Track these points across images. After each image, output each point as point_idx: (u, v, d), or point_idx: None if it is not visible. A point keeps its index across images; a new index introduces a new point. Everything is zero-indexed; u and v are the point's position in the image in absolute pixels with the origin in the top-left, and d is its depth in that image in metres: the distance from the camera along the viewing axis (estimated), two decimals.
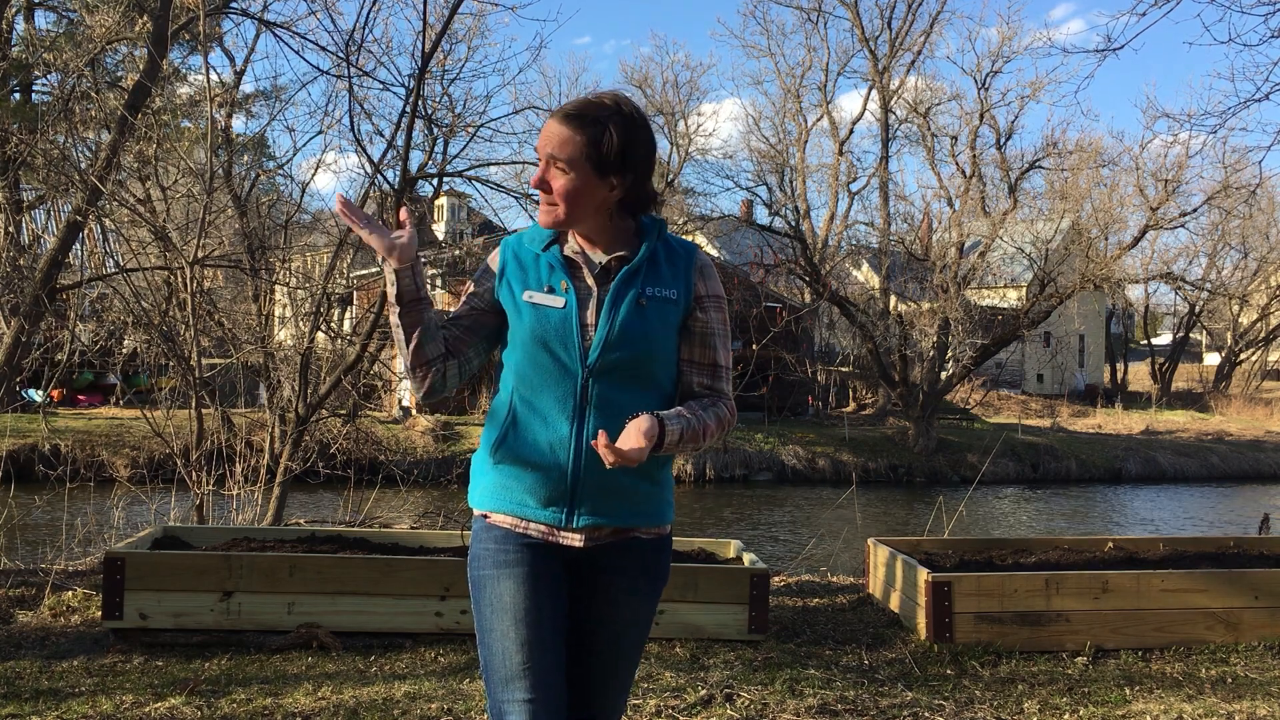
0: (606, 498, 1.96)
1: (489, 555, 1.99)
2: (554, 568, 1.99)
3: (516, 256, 2.04)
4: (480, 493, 2.03)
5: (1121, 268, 23.47)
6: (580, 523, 1.96)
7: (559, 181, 1.96)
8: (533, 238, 2.06)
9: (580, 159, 1.95)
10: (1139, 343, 46.00)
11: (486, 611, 1.97)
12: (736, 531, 13.30)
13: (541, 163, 1.98)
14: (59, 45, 11.07)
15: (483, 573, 1.99)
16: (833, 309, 23.68)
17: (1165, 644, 4.60)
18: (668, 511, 2.07)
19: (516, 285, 2.01)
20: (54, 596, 4.94)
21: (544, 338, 1.94)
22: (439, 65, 8.52)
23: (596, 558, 2.00)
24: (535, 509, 1.96)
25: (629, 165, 1.98)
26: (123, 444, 15.43)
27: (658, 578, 2.08)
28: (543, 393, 1.95)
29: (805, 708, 3.69)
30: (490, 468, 2.01)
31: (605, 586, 2.03)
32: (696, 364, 2.06)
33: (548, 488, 1.95)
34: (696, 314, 2.04)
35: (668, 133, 29.46)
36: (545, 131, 1.99)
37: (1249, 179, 21.07)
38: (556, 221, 1.98)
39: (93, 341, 10.64)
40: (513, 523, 1.99)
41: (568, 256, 2.01)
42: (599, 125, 1.94)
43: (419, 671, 4.02)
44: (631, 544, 2.02)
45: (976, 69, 31.91)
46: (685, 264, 2.05)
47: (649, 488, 2.02)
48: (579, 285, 1.98)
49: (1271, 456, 24.90)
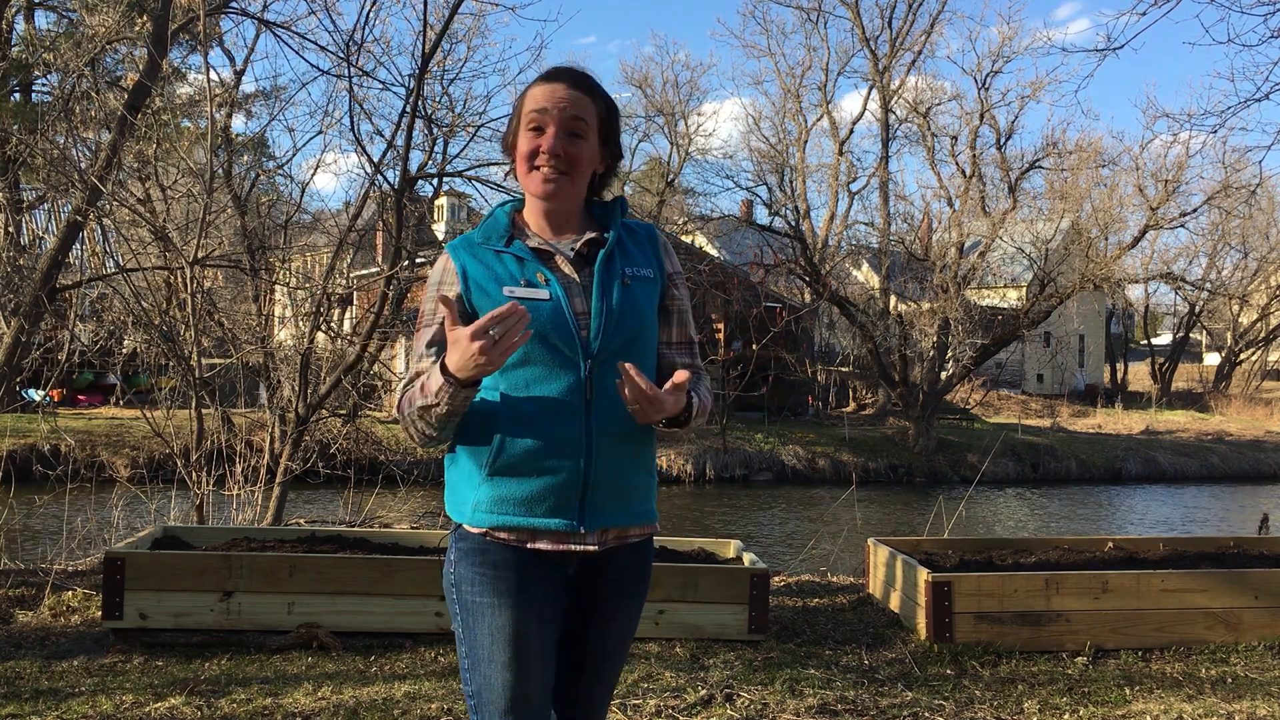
0: (615, 496, 1.87)
1: (486, 581, 1.84)
2: (555, 590, 1.88)
3: (475, 258, 1.88)
4: (474, 509, 1.85)
5: (1121, 268, 23.46)
6: (593, 525, 1.85)
7: (577, 148, 1.86)
8: (485, 237, 1.90)
9: (595, 127, 1.88)
10: (1139, 343, 46.00)
11: (485, 640, 1.84)
12: (736, 531, 13.30)
13: (554, 126, 1.84)
14: (59, 45, 11.07)
15: (480, 600, 1.84)
16: (833, 309, 23.68)
17: (1165, 644, 4.60)
18: (655, 510, 2.01)
19: (489, 283, 1.84)
20: (54, 596, 4.94)
21: (538, 333, 1.79)
22: (439, 65, 8.53)
23: (599, 564, 1.91)
24: (543, 518, 1.82)
25: (614, 139, 1.94)
26: (123, 444, 15.42)
27: (648, 579, 2.02)
28: (542, 391, 1.81)
29: (805, 708, 3.69)
30: (483, 481, 1.84)
31: (603, 594, 1.95)
32: (676, 345, 2.00)
33: (558, 492, 1.82)
34: (671, 292, 1.98)
35: (668, 133, 29.51)
36: (554, 94, 1.86)
37: (1249, 179, 21.08)
38: (559, 192, 1.86)
39: (93, 341, 10.64)
40: (518, 538, 1.84)
41: (537, 248, 1.88)
42: (603, 95, 1.90)
43: (419, 671, 4.01)
44: (628, 547, 1.94)
45: (977, 69, 31.94)
46: (650, 243, 1.97)
47: (646, 479, 1.95)
48: (558, 274, 1.85)
49: (1271, 456, 24.89)
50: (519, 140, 1.89)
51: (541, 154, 1.85)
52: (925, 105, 27.54)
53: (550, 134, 1.84)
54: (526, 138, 1.87)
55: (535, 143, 1.85)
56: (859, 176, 29.61)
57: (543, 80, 1.89)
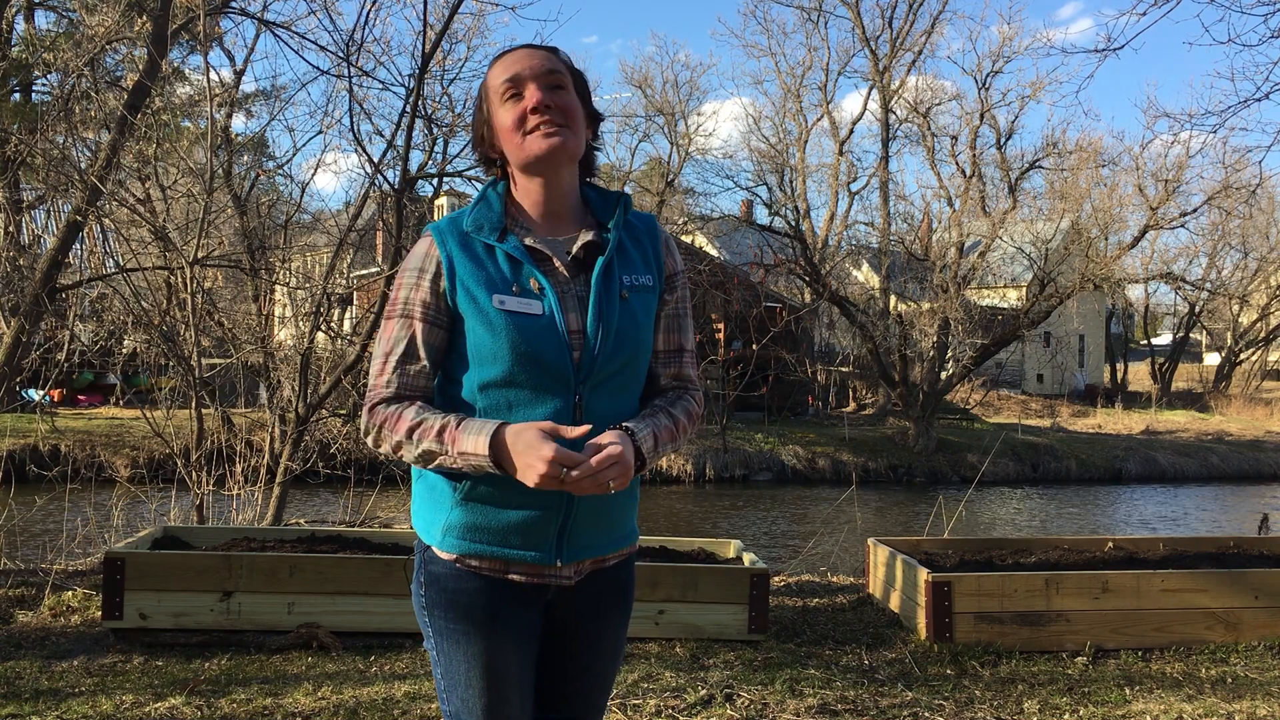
0: (596, 526, 1.75)
1: (459, 608, 1.72)
2: (532, 615, 1.77)
3: (464, 249, 1.68)
4: (444, 533, 1.72)
5: (1121, 268, 23.48)
6: (570, 557, 1.73)
7: (565, 99, 1.68)
8: (477, 224, 1.70)
9: (572, 86, 1.71)
10: (1139, 343, 46.01)
11: (462, 667, 1.73)
12: (736, 531, 13.30)
13: (530, 83, 1.67)
14: (59, 45, 11.07)
15: (454, 626, 1.73)
16: (833, 309, 23.68)
17: (1165, 644, 4.60)
18: (636, 528, 1.89)
19: (478, 288, 1.66)
20: (54, 596, 4.94)
21: (527, 353, 1.63)
22: (439, 65, 8.54)
23: (576, 595, 1.80)
24: (519, 550, 1.70)
25: (589, 101, 1.77)
26: (123, 444, 15.42)
27: (629, 596, 1.90)
28: (526, 415, 1.64)
29: (805, 708, 3.69)
30: (455, 504, 1.70)
31: (581, 619, 1.83)
32: (662, 353, 1.83)
33: (536, 525, 1.69)
34: (665, 296, 1.81)
35: (668, 133, 29.52)
36: (518, 58, 1.70)
37: (1249, 179, 21.07)
38: (565, 144, 1.67)
39: (93, 341, 10.65)
40: (490, 567, 1.72)
41: (532, 247, 1.70)
42: (565, 55, 1.74)
43: (419, 671, 4.01)
44: (606, 573, 1.83)
45: (977, 69, 31.98)
46: (651, 241, 1.80)
47: (629, 502, 1.82)
48: (553, 280, 1.68)
49: (1271, 456, 24.89)
50: (496, 117, 1.71)
51: (530, 113, 1.67)
52: (925, 105, 27.57)
53: (531, 89, 1.67)
54: (506, 109, 1.69)
55: (519, 107, 1.68)
56: (859, 176, 29.65)
57: (497, 59, 1.74)
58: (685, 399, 1.82)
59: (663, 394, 1.83)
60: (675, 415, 1.77)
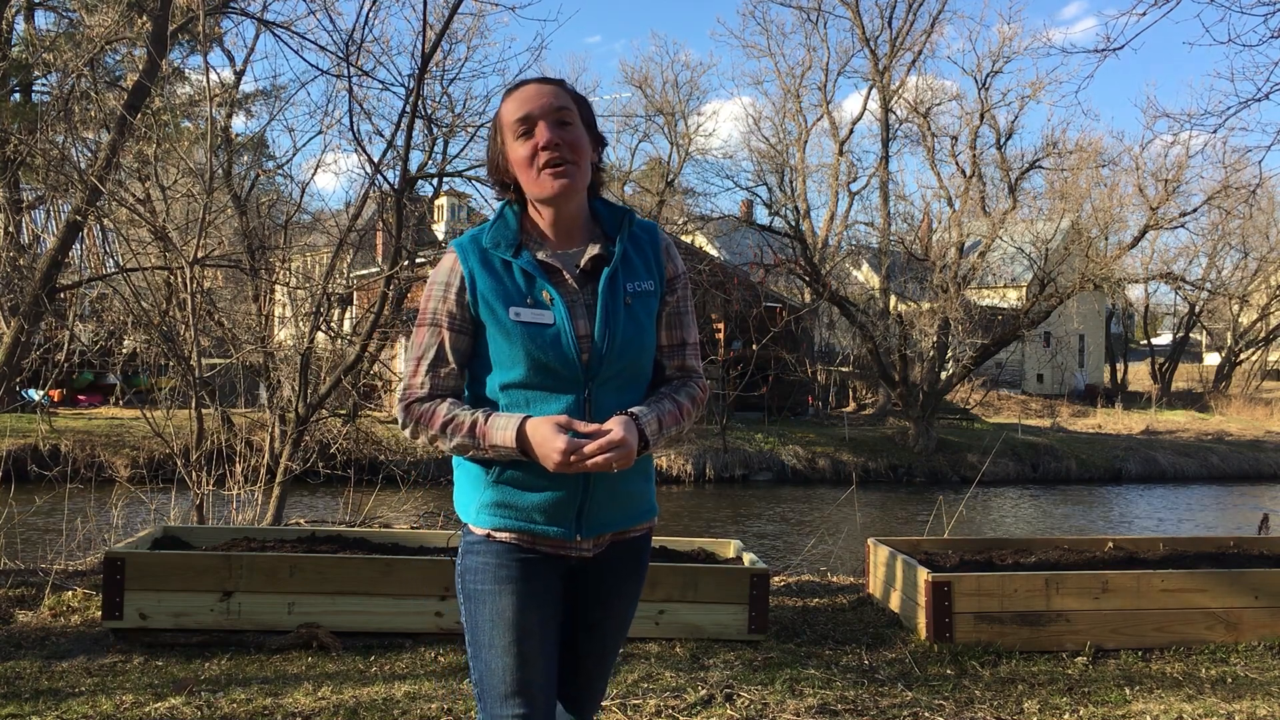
0: (613, 505, 1.94)
1: (489, 570, 1.93)
2: (554, 581, 1.96)
3: (484, 265, 1.89)
4: (478, 511, 1.94)
5: (1121, 268, 23.47)
6: (589, 533, 1.93)
7: (572, 134, 1.86)
8: (495, 240, 1.90)
9: (578, 119, 1.89)
10: (1139, 343, 46.02)
11: (486, 626, 1.92)
12: (736, 531, 13.30)
13: (541, 122, 1.85)
14: (59, 45, 11.07)
15: (483, 587, 1.93)
16: (833, 309, 23.69)
17: (1165, 644, 4.60)
18: (654, 504, 2.08)
19: (496, 301, 1.86)
20: (54, 596, 4.94)
21: (541, 358, 1.84)
22: (439, 65, 8.53)
23: (597, 562, 1.99)
24: (543, 525, 1.91)
25: (594, 125, 1.94)
26: (123, 444, 15.42)
27: (645, 571, 2.10)
28: (542, 411, 1.85)
29: (805, 708, 3.69)
30: (488, 485, 1.92)
31: (603, 590, 2.03)
32: (666, 348, 2.03)
33: (557, 504, 1.90)
34: (666, 297, 2.00)
35: (668, 133, 29.53)
36: (528, 96, 1.87)
37: (1249, 179, 21.02)
38: (573, 183, 1.86)
39: (93, 341, 10.65)
40: (518, 540, 1.93)
41: (544, 262, 1.90)
42: (570, 86, 1.92)
43: (419, 671, 4.01)
44: (626, 544, 2.03)
45: (977, 69, 32.02)
46: (653, 249, 1.98)
47: (644, 485, 2.02)
48: (563, 291, 1.88)
49: (1271, 456, 24.90)
50: (511, 151, 1.89)
51: (541, 150, 1.85)
52: (925, 105, 27.55)
53: (541, 128, 1.85)
54: (519, 144, 1.87)
55: (530, 144, 1.86)
56: (859, 176, 29.65)
57: (510, 93, 1.91)
58: (689, 385, 2.02)
59: (668, 383, 2.03)
60: (679, 400, 1.97)
